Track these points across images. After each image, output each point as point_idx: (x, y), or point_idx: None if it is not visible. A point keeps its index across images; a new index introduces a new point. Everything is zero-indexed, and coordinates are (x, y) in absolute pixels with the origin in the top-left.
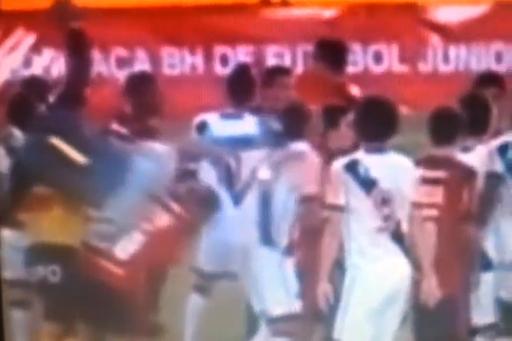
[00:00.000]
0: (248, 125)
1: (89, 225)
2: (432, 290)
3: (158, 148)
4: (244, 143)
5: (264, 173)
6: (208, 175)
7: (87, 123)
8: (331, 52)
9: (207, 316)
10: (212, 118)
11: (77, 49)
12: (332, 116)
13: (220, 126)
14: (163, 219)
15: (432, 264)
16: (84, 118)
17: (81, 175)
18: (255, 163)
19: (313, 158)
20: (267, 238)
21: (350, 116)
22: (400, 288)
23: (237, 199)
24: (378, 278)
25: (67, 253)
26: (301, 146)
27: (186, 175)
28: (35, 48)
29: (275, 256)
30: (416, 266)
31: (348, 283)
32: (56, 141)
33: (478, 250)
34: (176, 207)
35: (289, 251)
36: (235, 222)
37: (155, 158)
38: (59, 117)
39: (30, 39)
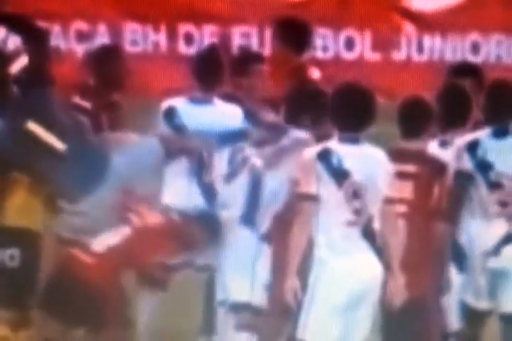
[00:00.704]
0: (221, 112)
1: (61, 217)
2: (399, 291)
3: (137, 139)
4: (216, 130)
5: (256, 161)
6: (178, 166)
7: (58, 104)
8: (291, 32)
9: (163, 309)
10: (180, 104)
11: (17, 26)
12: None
13: (189, 111)
14: (156, 218)
15: (400, 263)
16: (54, 98)
17: (59, 162)
18: (236, 152)
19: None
20: (248, 217)
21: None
22: (369, 287)
23: (208, 190)
24: (345, 275)
25: (28, 238)
26: (301, 135)
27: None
28: None
29: (252, 238)
30: (385, 264)
31: (313, 278)
32: (33, 126)
33: (448, 249)
34: (173, 213)
35: (266, 238)
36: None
37: (136, 150)
38: (32, 98)
39: None
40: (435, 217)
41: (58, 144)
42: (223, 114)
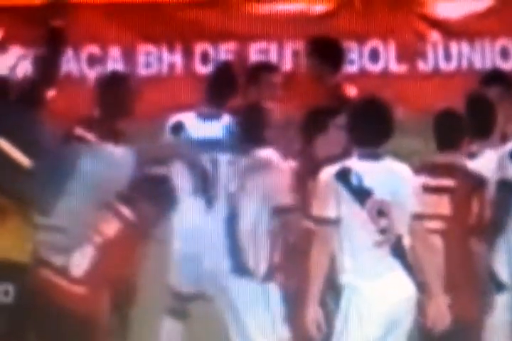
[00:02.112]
0: (223, 126)
1: (39, 235)
2: (441, 314)
3: (111, 148)
4: (220, 145)
5: (231, 185)
6: (181, 178)
7: (44, 126)
8: (325, 50)
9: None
10: (188, 119)
11: (55, 48)
12: (320, 119)
13: (197, 126)
14: (112, 228)
15: (440, 282)
16: (42, 120)
17: (26, 178)
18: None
19: (283, 166)
20: (240, 267)
21: (339, 119)
22: (402, 310)
23: (212, 203)
24: (378, 300)
25: (21, 272)
26: (266, 153)
27: (154, 179)
28: (1, 45)
29: (254, 285)
30: (421, 285)
31: (344, 306)
32: (1, 143)
33: (490, 267)
34: (125, 210)
35: (269, 275)
36: (206, 235)
37: (108, 160)
38: (12, 117)
39: None
40: (475, 233)
41: (25, 160)
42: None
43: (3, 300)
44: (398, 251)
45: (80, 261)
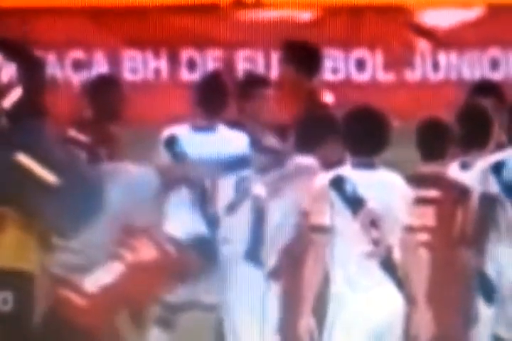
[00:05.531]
0: (225, 139)
1: (54, 254)
2: (425, 325)
3: (134, 169)
4: (220, 158)
5: (260, 190)
6: (180, 196)
7: (51, 136)
8: (301, 56)
9: None
10: (182, 132)
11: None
12: (315, 127)
13: (192, 140)
14: (149, 252)
15: (424, 295)
16: (47, 130)
17: (51, 196)
18: (242, 181)
19: (321, 175)
20: (253, 253)
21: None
22: (390, 324)
23: (212, 222)
24: (365, 313)
25: (22, 280)
26: (305, 161)
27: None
28: None
29: (259, 275)
30: (408, 297)
31: (331, 317)
32: (23, 158)
33: (474, 279)
34: (168, 246)
35: (274, 275)
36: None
37: (132, 181)
38: (23, 130)
39: None
40: (459, 245)
41: (50, 177)
42: (227, 141)
43: (2, 308)
44: (388, 264)
45: (101, 278)
